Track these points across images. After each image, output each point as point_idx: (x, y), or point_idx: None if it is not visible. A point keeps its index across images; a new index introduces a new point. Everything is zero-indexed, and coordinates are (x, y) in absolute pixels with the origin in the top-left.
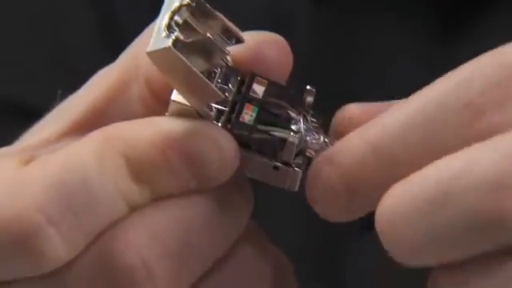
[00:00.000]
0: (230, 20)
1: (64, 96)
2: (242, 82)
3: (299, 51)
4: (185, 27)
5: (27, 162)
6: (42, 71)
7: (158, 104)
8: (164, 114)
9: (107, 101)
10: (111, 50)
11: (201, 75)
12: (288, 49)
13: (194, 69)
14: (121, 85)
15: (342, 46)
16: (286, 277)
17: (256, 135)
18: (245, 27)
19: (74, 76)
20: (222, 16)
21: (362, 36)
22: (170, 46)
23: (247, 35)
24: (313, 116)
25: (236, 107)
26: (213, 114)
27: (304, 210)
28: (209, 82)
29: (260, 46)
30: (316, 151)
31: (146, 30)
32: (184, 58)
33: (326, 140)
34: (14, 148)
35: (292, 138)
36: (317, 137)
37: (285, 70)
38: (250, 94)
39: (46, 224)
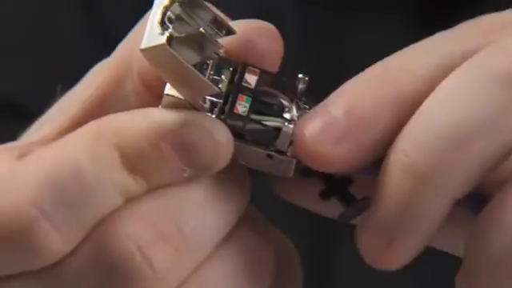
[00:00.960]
0: (220, 9)
1: (64, 91)
2: (234, 73)
3: (286, 49)
4: (177, 22)
5: (21, 156)
6: (30, 71)
7: (153, 97)
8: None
9: (103, 96)
10: (100, 50)
11: (195, 70)
12: (278, 35)
13: (188, 64)
14: (116, 79)
15: (328, 43)
16: (289, 259)
17: (250, 125)
18: None
19: (64, 75)
20: (212, 7)
21: (348, 33)
22: (164, 43)
23: (237, 24)
24: (306, 103)
25: (229, 98)
26: (206, 106)
27: (295, 210)
28: (203, 76)
29: (250, 34)
30: None
31: (139, 24)
32: (178, 55)
33: None
34: (12, 145)
35: (286, 127)
36: None
37: (276, 56)
38: (243, 84)
39: (41, 218)
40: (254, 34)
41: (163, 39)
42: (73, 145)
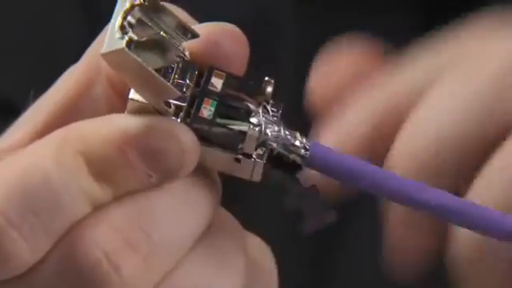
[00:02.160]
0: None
1: (37, 95)
2: (200, 76)
3: (285, 50)
4: (138, 26)
5: None
6: (29, 71)
7: (122, 101)
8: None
9: (74, 99)
10: (88, 22)
11: (156, 74)
12: (243, 38)
13: (149, 68)
14: (85, 83)
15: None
16: (264, 264)
17: (216, 129)
18: None
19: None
20: (175, 11)
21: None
22: (123, 47)
23: (201, 28)
24: (273, 106)
25: (195, 102)
26: (171, 110)
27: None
28: (164, 80)
29: (215, 36)
30: (277, 142)
31: (107, 28)
32: (138, 59)
33: (287, 131)
34: None
35: (251, 130)
36: (276, 128)
37: (241, 59)
38: (209, 87)
39: (8, 227)
40: (218, 36)
41: (122, 43)
42: (39, 153)
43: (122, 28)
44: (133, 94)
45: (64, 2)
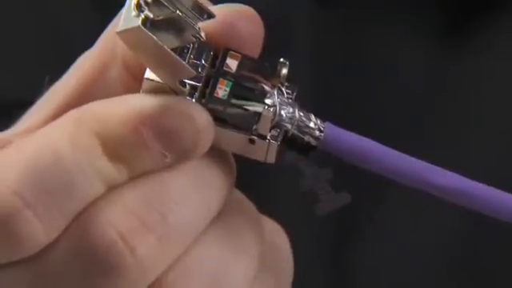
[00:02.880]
0: None
1: (52, 82)
2: (215, 57)
3: (300, 53)
4: (154, 5)
5: (2, 148)
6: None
7: (137, 84)
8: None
9: (88, 84)
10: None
11: (171, 52)
12: (259, 19)
13: (165, 46)
14: (100, 67)
15: (344, 47)
16: (281, 248)
17: (230, 110)
18: None
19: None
20: None
21: (365, 37)
22: (139, 25)
23: (217, 9)
24: (288, 88)
25: (210, 82)
26: (186, 90)
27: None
28: (180, 59)
29: (230, 18)
30: (291, 123)
31: (120, 13)
32: (154, 36)
33: (301, 113)
34: None
35: (266, 111)
36: (291, 110)
37: (257, 40)
38: (224, 68)
39: (23, 207)
40: (234, 17)
41: (138, 21)
42: (53, 133)
43: (138, 6)
44: (148, 74)
45: (76, 2)
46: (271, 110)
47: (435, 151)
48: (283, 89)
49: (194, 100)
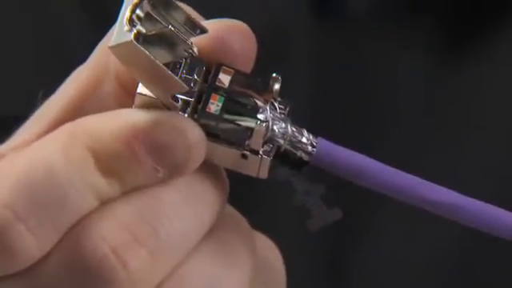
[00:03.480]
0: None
1: (46, 97)
2: (207, 72)
3: (299, 66)
4: (146, 20)
5: None
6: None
7: (130, 99)
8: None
9: (82, 99)
10: (95, 21)
11: (164, 67)
12: (251, 34)
13: (157, 61)
14: (93, 82)
15: (343, 60)
16: (273, 264)
17: (223, 125)
18: None
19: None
20: (184, 6)
21: (364, 50)
22: (131, 40)
23: (210, 24)
24: (280, 103)
25: (202, 97)
26: (179, 105)
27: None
28: (172, 73)
29: (222, 33)
30: (284, 138)
31: (114, 27)
32: (146, 51)
33: (294, 128)
34: None
35: (258, 126)
36: (283, 125)
37: (249, 55)
38: (216, 83)
39: (15, 220)
40: (226, 32)
41: (130, 36)
42: (46, 147)
43: (131, 21)
44: (141, 89)
45: (64, 1)
46: (264, 125)
47: (436, 163)
48: (276, 104)
49: (186, 115)
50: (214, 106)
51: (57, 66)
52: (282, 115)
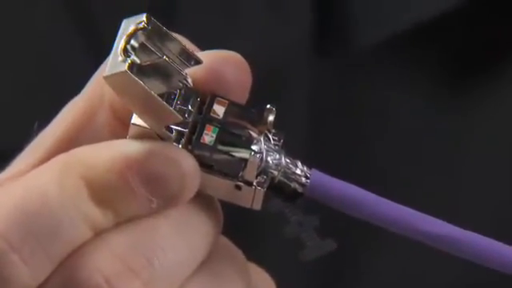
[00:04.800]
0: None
1: (41, 128)
2: (202, 103)
3: (297, 102)
4: (141, 50)
5: None
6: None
7: (124, 129)
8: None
9: (77, 129)
10: (90, 50)
11: (158, 98)
12: (246, 66)
13: (151, 91)
14: (88, 113)
15: (341, 97)
16: None
17: (217, 156)
18: None
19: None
20: (179, 38)
21: (363, 87)
22: (125, 70)
23: (205, 55)
24: (274, 135)
25: (196, 128)
26: (173, 135)
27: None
28: (166, 104)
29: (217, 64)
30: (278, 170)
31: (109, 58)
32: (140, 81)
33: (287, 159)
34: None
35: (253, 157)
36: (277, 156)
37: (244, 87)
38: (211, 114)
39: (9, 250)
40: (221, 64)
41: (125, 66)
42: (41, 176)
43: (125, 51)
44: (135, 119)
45: (46, 2)
46: (258, 156)
47: (435, 203)
48: (270, 135)
49: (180, 146)
50: (208, 136)
51: (50, 96)
52: (276, 146)
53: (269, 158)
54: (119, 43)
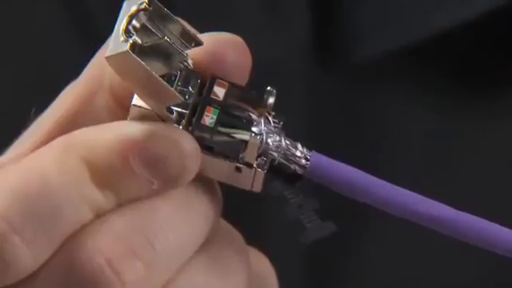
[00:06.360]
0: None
1: (38, 113)
2: (202, 85)
3: (296, 115)
4: (142, 31)
5: None
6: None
7: (124, 112)
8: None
9: (76, 113)
10: (89, 49)
11: (159, 78)
12: (246, 49)
13: (152, 72)
14: (88, 95)
15: (344, 111)
16: (267, 280)
17: (217, 137)
18: None
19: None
20: (180, 19)
21: (365, 100)
22: (127, 50)
23: (205, 37)
24: (275, 117)
25: (197, 110)
26: (174, 117)
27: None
28: (167, 84)
29: (218, 47)
30: (277, 152)
31: (108, 42)
32: (142, 62)
33: (287, 141)
34: None
35: (253, 139)
36: (277, 138)
37: (244, 70)
38: (211, 96)
39: (10, 232)
40: (222, 46)
41: (126, 46)
42: (41, 159)
43: (127, 32)
44: (135, 100)
45: (44, 2)
46: (258, 138)
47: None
48: (270, 117)
49: (180, 127)
50: (209, 118)
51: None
52: (276, 129)
53: (269, 140)
54: (121, 23)
